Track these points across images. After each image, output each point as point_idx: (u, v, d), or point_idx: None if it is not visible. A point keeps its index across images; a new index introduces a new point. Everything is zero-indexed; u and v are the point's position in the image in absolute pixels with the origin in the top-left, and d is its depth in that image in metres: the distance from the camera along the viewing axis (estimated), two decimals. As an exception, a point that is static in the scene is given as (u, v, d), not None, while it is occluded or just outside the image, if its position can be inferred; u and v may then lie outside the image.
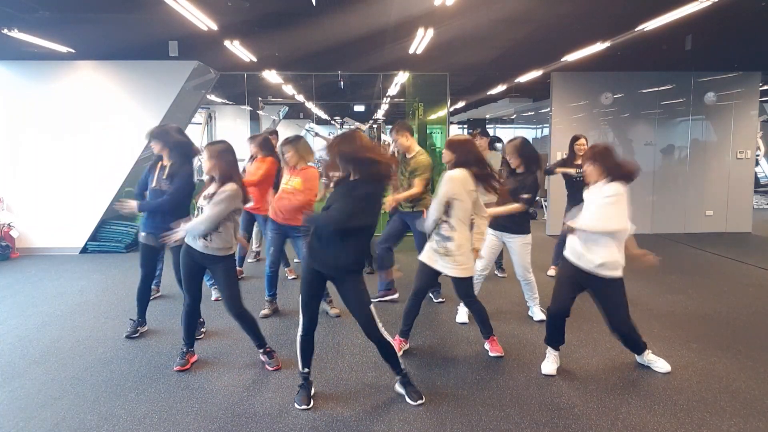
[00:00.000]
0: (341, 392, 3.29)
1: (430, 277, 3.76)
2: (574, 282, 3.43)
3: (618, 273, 3.31)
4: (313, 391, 3.20)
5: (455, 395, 3.24)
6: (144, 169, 4.30)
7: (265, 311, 4.70)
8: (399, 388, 3.25)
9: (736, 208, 8.89)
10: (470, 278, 3.66)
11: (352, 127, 11.77)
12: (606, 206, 3.21)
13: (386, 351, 3.14)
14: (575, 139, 5.68)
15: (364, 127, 13.49)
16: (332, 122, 19.19)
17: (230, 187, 3.38)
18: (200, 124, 11.34)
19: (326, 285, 3.20)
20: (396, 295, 5.09)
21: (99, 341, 4.16)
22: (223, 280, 3.53)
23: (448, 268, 3.58)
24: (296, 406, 3.10)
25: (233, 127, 12.64)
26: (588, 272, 3.32)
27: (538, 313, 4.56)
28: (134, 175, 7.67)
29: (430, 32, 5.96)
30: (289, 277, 5.91)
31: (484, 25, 6.06)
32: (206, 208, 3.38)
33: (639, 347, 3.58)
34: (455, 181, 3.47)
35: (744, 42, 7.16)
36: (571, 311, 4.54)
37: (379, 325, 3.07)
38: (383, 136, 14.54)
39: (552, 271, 5.99)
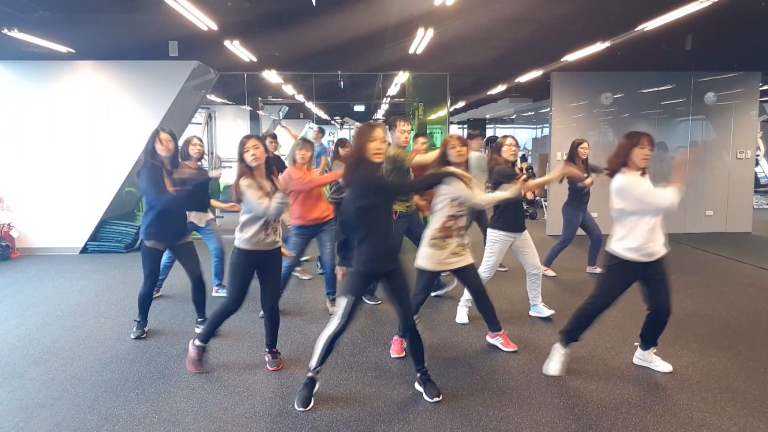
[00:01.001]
0: (341, 392, 3.30)
1: (433, 282, 3.78)
2: (629, 283, 3.37)
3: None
4: (316, 388, 3.18)
5: (455, 395, 3.24)
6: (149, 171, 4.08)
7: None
8: (418, 386, 3.27)
9: (736, 208, 8.88)
10: None
11: (352, 127, 11.78)
12: None
13: (418, 342, 3.18)
14: (579, 143, 5.59)
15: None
16: (332, 122, 19.17)
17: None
18: (200, 124, 11.34)
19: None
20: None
21: (99, 341, 4.16)
22: (275, 273, 3.56)
23: (468, 258, 3.64)
24: (296, 407, 3.09)
25: (233, 127, 12.65)
26: (650, 262, 3.29)
27: (545, 310, 4.58)
28: (134, 176, 7.67)
29: (430, 32, 5.96)
30: (302, 277, 5.94)
31: (484, 25, 6.05)
32: (278, 200, 3.31)
33: (657, 338, 3.55)
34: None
35: (744, 42, 7.15)
36: (569, 313, 4.56)
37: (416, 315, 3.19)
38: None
39: (550, 272, 5.99)
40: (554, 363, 3.51)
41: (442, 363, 3.69)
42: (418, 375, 3.26)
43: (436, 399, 3.15)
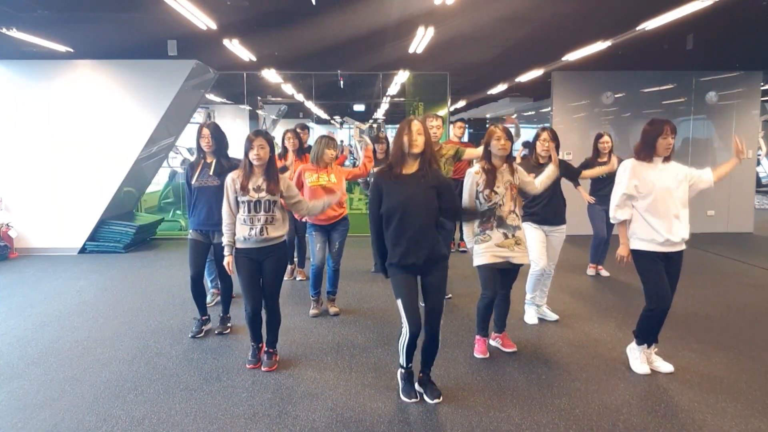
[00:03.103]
0: (341, 393, 3.28)
1: (497, 277, 3.64)
2: (659, 269, 3.36)
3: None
4: (415, 379, 3.25)
5: (455, 396, 3.22)
6: (185, 173, 4.34)
7: (314, 311, 4.70)
8: (419, 387, 3.26)
9: (738, 209, 8.87)
10: None
11: (351, 126, 11.77)
12: None
13: (433, 346, 3.17)
14: (599, 136, 5.70)
15: (364, 126, 13.49)
16: (332, 122, 19.14)
17: (285, 176, 3.60)
18: (199, 123, 11.32)
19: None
20: None
21: (98, 342, 4.14)
22: (275, 269, 3.55)
23: (520, 256, 3.59)
24: (404, 399, 3.14)
25: (232, 126, 12.62)
26: (673, 252, 3.30)
27: (551, 314, 4.54)
28: (133, 175, 7.67)
29: (431, 31, 5.94)
30: (297, 278, 5.93)
31: (484, 24, 6.03)
32: (292, 195, 3.51)
33: (656, 334, 3.54)
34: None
35: (745, 41, 7.13)
36: (571, 313, 4.55)
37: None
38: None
39: (604, 271, 6.04)
40: (641, 364, 3.54)
41: (442, 364, 3.67)
42: (420, 375, 3.25)
43: (437, 400, 3.14)
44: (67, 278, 6.12)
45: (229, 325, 4.34)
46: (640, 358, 3.56)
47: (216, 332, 4.27)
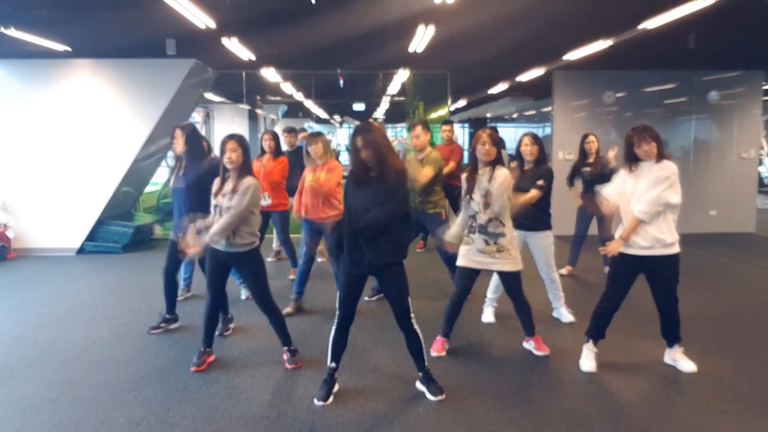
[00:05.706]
0: (341, 395, 3.26)
1: (472, 279, 3.73)
2: (633, 276, 3.43)
3: (677, 248, 3.38)
4: (336, 388, 3.23)
5: (456, 398, 3.20)
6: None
7: (288, 309, 4.67)
8: (420, 386, 3.25)
9: (740, 209, 8.84)
10: (520, 272, 3.67)
11: (351, 126, 11.76)
12: (671, 182, 3.30)
13: (415, 342, 3.17)
14: (585, 136, 5.66)
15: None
16: (332, 121, 19.13)
17: (251, 180, 3.42)
18: (198, 123, 11.30)
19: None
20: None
21: (96, 343, 4.12)
22: (251, 276, 3.57)
23: (501, 264, 3.58)
24: (315, 401, 3.12)
25: (232, 126, 12.61)
26: (649, 256, 3.32)
27: (566, 315, 4.49)
28: (131, 175, 7.65)
29: (431, 30, 5.92)
30: (289, 277, 5.90)
31: (485, 23, 6.01)
32: (232, 203, 3.35)
33: (677, 334, 3.54)
34: (509, 176, 3.54)
35: (747, 41, 7.12)
36: (573, 315, 4.53)
37: (413, 315, 3.13)
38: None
39: (565, 271, 5.92)
40: (588, 361, 3.58)
41: (442, 365, 3.66)
42: (420, 375, 3.24)
43: (440, 397, 3.13)
44: (65, 279, 6.09)
45: (230, 326, 4.32)
46: (588, 356, 3.59)
47: (217, 333, 4.24)
